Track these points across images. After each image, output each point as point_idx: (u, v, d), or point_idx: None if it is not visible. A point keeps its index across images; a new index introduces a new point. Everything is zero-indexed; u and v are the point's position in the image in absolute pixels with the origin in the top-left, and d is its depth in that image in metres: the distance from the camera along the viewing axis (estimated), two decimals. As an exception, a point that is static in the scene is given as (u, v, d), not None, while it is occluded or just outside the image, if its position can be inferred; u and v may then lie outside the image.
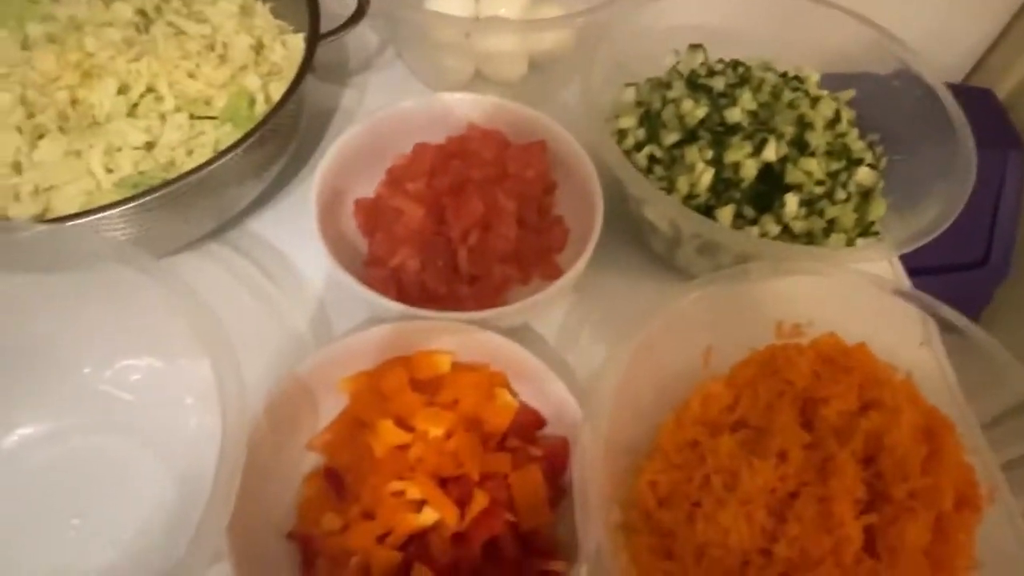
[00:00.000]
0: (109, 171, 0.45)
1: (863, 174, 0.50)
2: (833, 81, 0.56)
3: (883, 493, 0.39)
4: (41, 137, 0.44)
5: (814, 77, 0.55)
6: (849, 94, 0.54)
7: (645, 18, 0.58)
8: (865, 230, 0.49)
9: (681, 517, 0.40)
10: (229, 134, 0.48)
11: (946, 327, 0.44)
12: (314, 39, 0.49)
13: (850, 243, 0.49)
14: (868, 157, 0.51)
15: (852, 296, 0.45)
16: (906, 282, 0.57)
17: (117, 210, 0.40)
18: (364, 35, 0.67)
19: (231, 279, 0.52)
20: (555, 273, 0.51)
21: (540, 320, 0.53)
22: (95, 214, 0.40)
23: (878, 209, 0.50)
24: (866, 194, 0.50)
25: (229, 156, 0.43)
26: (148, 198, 0.41)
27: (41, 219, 0.42)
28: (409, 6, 0.59)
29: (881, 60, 0.55)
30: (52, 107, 0.45)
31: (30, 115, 0.45)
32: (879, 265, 0.57)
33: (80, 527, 0.43)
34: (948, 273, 0.98)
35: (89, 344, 0.45)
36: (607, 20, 0.57)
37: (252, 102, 0.49)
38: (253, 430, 0.40)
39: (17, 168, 0.44)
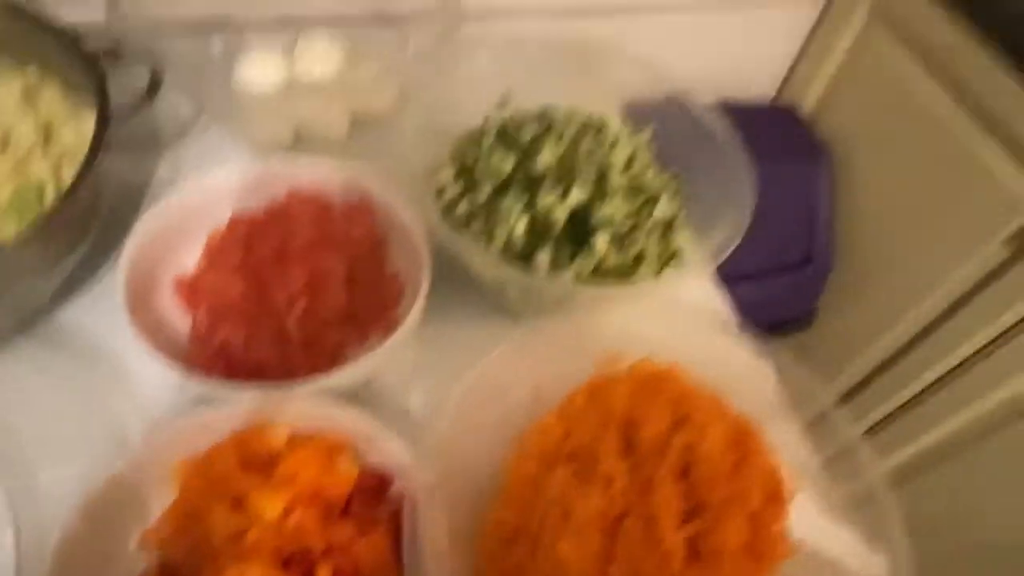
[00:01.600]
0: None
1: (662, 207, 0.55)
2: (636, 112, 0.61)
3: (701, 502, 0.43)
4: None
5: (614, 122, 0.60)
6: (648, 132, 0.60)
7: (459, 72, 0.61)
8: (670, 258, 0.54)
9: (526, 553, 0.42)
10: (15, 229, 0.45)
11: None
12: (103, 119, 0.47)
13: (658, 271, 0.53)
14: (665, 191, 0.56)
15: (661, 320, 0.49)
16: (717, 297, 0.62)
17: None
18: (176, 101, 0.65)
19: (40, 377, 0.49)
20: (393, 328, 0.52)
21: (386, 375, 0.54)
22: None
23: (679, 238, 0.55)
24: (668, 225, 0.55)
25: (13, 249, 0.41)
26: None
27: None
28: (214, 79, 0.58)
29: (662, 93, 0.60)
30: None
31: None
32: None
33: None
34: (781, 273, 1.09)
35: None
36: (423, 75, 0.60)
37: (41, 192, 0.47)
38: (67, 540, 0.38)
39: None
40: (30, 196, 0.46)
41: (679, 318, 0.52)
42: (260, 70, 0.62)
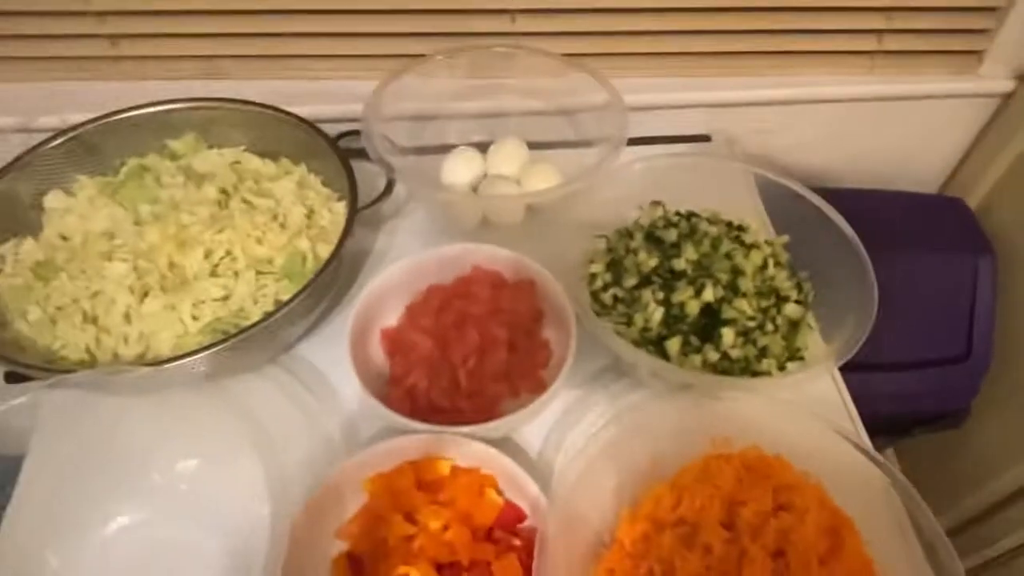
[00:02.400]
0: (194, 319, 0.59)
1: (790, 309, 0.61)
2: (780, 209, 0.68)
3: (791, 581, 0.48)
4: (146, 295, 0.60)
5: (754, 226, 0.67)
6: (783, 239, 0.66)
7: (619, 178, 0.71)
8: (793, 355, 0.60)
9: (629, 600, 0.50)
10: (286, 287, 0.62)
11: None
12: (352, 212, 0.64)
13: (781, 367, 0.59)
14: (794, 294, 0.62)
15: (779, 411, 0.55)
16: (844, 397, 0.66)
17: (201, 355, 0.54)
18: (396, 190, 0.82)
19: (281, 395, 0.66)
20: (540, 387, 0.63)
21: (529, 428, 0.64)
22: (185, 358, 0.54)
23: (803, 338, 0.61)
24: (795, 324, 0.61)
25: (287, 308, 0.57)
26: (224, 345, 0.55)
27: (143, 360, 0.57)
28: (428, 182, 0.74)
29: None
30: (155, 271, 0.61)
31: (139, 278, 0.60)
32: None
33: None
34: (936, 365, 1.06)
35: (169, 451, 0.58)
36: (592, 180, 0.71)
37: (304, 260, 0.64)
38: (296, 522, 0.52)
39: (127, 318, 0.59)
40: (296, 263, 0.63)
41: (795, 412, 0.57)
42: (461, 167, 0.78)
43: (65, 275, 0.61)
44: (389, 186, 0.68)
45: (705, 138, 0.96)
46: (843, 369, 0.89)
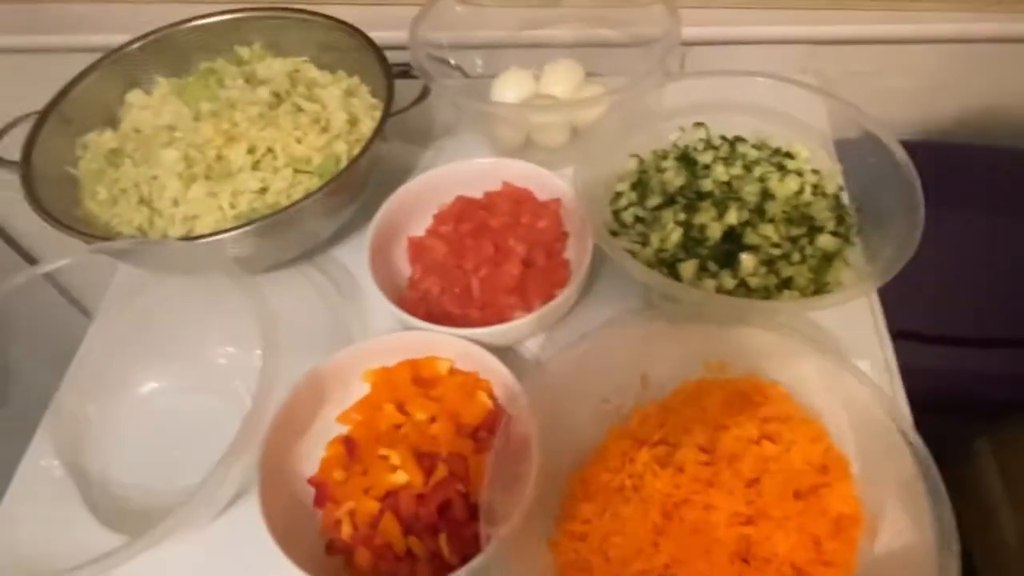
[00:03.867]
0: (232, 207, 0.64)
1: (824, 240, 0.56)
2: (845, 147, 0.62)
3: (762, 511, 0.45)
4: (193, 182, 0.65)
5: (804, 153, 0.62)
6: (838, 167, 0.60)
7: (665, 96, 0.68)
8: (819, 289, 0.55)
9: (598, 510, 0.49)
10: (319, 184, 0.65)
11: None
12: (384, 117, 0.65)
13: (804, 300, 0.55)
14: (831, 226, 0.57)
15: (795, 346, 0.51)
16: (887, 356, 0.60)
17: (233, 233, 0.58)
18: (445, 109, 0.83)
19: (312, 290, 0.70)
20: (554, 306, 0.62)
21: (537, 347, 0.64)
22: (221, 235, 0.58)
23: (835, 273, 0.55)
24: (828, 258, 0.56)
25: (309, 200, 0.60)
26: (255, 225, 0.58)
27: (185, 238, 0.62)
28: (474, 95, 0.74)
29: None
30: (203, 161, 0.65)
31: (188, 166, 0.65)
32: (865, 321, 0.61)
33: (178, 456, 0.60)
34: (1010, 345, 0.92)
35: (201, 328, 0.64)
36: (638, 99, 0.68)
37: (338, 161, 0.67)
38: (294, 395, 0.56)
39: (175, 202, 0.64)
40: (331, 163, 0.66)
41: (807, 346, 0.52)
42: (511, 86, 0.77)
43: (130, 161, 0.67)
44: (424, 93, 0.69)
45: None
46: (922, 340, 0.80)
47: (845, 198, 0.61)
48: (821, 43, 0.89)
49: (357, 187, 0.67)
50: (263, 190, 0.65)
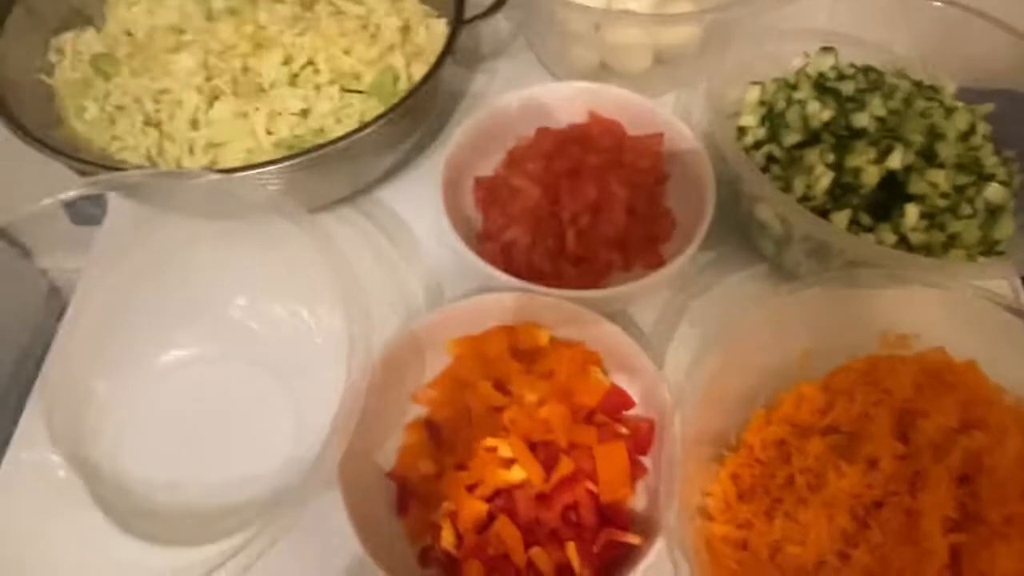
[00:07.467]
0: (269, 133, 0.51)
1: (993, 191, 0.48)
2: (971, 95, 0.54)
3: (976, 515, 0.38)
4: (216, 98, 0.51)
5: (950, 88, 0.54)
6: (987, 108, 0.52)
7: (776, 19, 0.58)
8: (988, 249, 0.48)
9: (760, 511, 0.41)
10: (373, 107, 0.52)
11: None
12: (457, 24, 0.53)
13: (971, 260, 0.47)
14: (1000, 173, 0.49)
15: (966, 312, 0.44)
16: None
17: (274, 167, 0.45)
18: (497, 24, 0.70)
19: (359, 240, 0.58)
20: (658, 263, 0.53)
21: (638, 308, 0.55)
22: (255, 169, 0.45)
23: (1005, 228, 0.48)
24: (994, 211, 0.48)
25: (373, 128, 0.48)
26: (301, 159, 0.46)
27: (211, 170, 0.48)
28: (539, 4, 0.61)
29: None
30: (227, 72, 0.52)
31: (208, 78, 0.51)
32: (997, 285, 0.54)
33: (210, 442, 0.49)
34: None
35: (239, 283, 0.51)
36: (736, 19, 0.58)
37: (396, 79, 0.54)
38: (369, 378, 0.45)
39: (194, 124, 0.51)
40: (387, 81, 0.53)
41: (985, 316, 0.45)
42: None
43: (127, 70, 0.52)
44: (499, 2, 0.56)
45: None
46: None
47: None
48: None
49: (424, 113, 0.54)
50: (305, 112, 0.52)
